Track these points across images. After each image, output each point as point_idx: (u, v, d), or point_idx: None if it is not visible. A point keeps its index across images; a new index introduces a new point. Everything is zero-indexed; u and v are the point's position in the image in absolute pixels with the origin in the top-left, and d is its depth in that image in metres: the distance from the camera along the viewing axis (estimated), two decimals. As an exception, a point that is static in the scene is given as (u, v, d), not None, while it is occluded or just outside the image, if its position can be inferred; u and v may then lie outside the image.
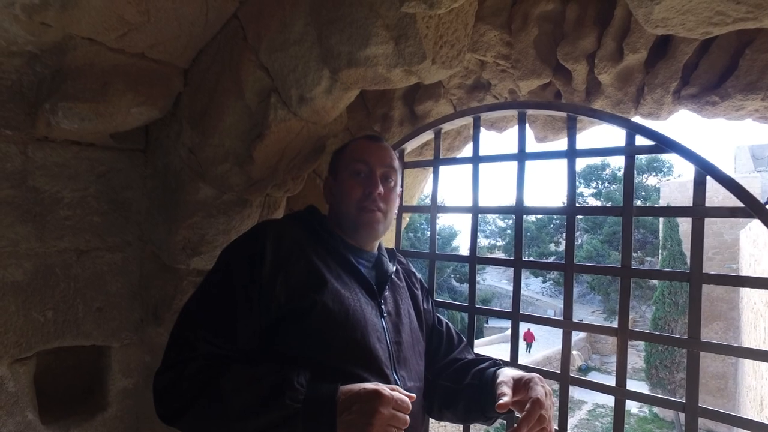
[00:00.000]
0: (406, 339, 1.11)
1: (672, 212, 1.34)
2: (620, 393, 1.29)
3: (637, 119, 1.53)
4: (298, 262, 1.00)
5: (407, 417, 0.87)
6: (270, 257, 0.97)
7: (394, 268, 1.22)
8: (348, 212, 1.13)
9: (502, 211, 1.60)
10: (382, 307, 1.10)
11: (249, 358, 0.95)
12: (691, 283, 1.20)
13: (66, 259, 1.64)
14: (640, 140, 1.29)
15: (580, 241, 25.97)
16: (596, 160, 30.46)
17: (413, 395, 0.91)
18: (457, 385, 1.17)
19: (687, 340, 1.20)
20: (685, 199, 16.16)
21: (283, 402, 0.84)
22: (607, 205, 27.46)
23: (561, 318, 1.39)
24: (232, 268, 0.99)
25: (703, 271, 1.19)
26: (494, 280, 32.00)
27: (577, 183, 1.47)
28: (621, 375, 1.30)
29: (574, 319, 1.39)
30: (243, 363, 0.93)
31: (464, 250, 27.52)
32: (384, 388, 0.87)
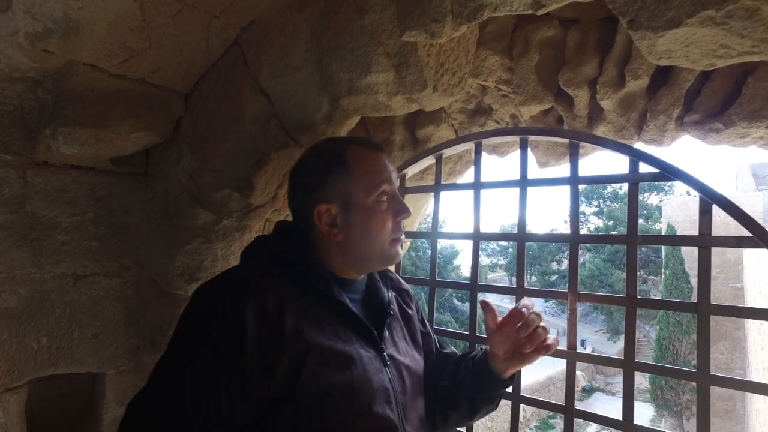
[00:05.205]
0: (409, 383, 1.00)
1: (678, 241, 1.31)
2: (628, 428, 1.24)
3: (639, 145, 1.52)
4: (287, 333, 0.80)
5: None
6: (253, 335, 0.77)
7: (387, 297, 1.04)
8: (381, 249, 0.93)
9: (503, 238, 1.58)
10: (384, 354, 0.94)
11: None
12: (699, 314, 1.17)
13: (62, 284, 1.62)
14: (644, 167, 1.28)
15: (582, 259, 25.84)
16: (597, 179, 30.57)
17: None
18: (454, 380, 1.10)
19: (697, 373, 1.17)
20: (687, 218, 16.11)
21: None
22: (609, 223, 27.46)
23: (565, 344, 1.36)
24: (206, 348, 0.78)
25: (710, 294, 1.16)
26: (496, 300, 31.75)
27: (579, 201, 1.45)
28: (628, 408, 1.25)
29: (578, 339, 1.36)
30: None
31: (465, 269, 27.36)
32: None
